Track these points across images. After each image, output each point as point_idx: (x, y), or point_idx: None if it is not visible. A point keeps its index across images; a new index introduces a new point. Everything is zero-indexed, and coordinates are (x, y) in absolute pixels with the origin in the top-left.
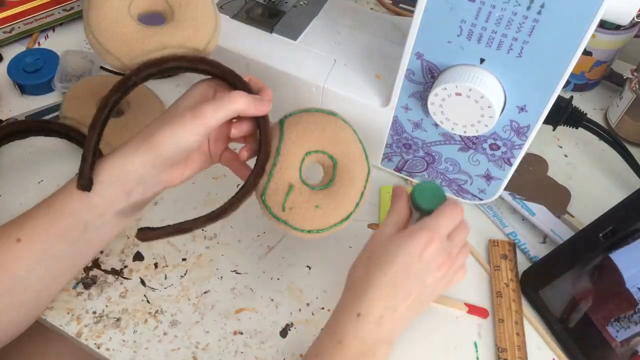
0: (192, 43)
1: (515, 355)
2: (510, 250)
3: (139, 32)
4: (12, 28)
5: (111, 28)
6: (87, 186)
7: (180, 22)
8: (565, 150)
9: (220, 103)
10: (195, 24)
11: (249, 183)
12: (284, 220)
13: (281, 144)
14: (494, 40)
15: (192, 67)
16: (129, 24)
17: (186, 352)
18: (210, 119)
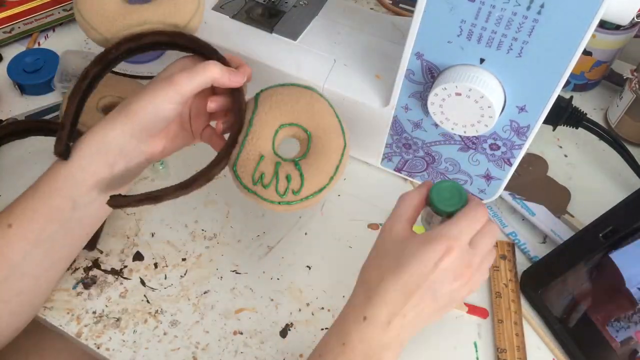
0: (172, 19)
1: (515, 355)
2: (509, 251)
3: (122, 8)
4: (12, 28)
5: (95, 5)
6: (64, 153)
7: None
8: (565, 150)
9: (194, 71)
10: (176, 1)
11: (221, 154)
12: (253, 191)
13: (254, 115)
14: (493, 40)
15: (170, 42)
16: (113, 1)
17: (186, 352)
18: (184, 86)
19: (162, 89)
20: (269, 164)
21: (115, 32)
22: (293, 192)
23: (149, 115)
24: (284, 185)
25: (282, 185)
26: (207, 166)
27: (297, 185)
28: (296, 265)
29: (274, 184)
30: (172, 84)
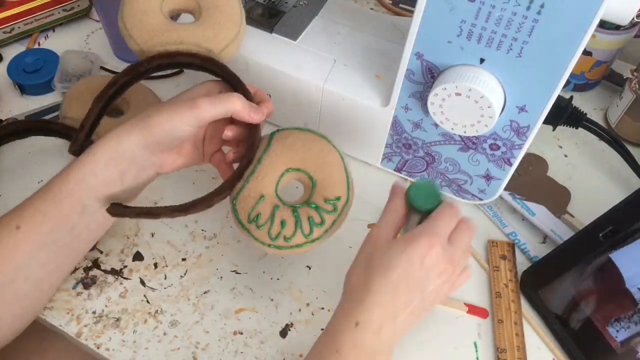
0: (208, 44)
1: (515, 355)
2: (509, 251)
3: (163, 24)
4: (12, 28)
5: (139, 16)
6: (78, 152)
7: (203, 23)
8: (565, 150)
9: (218, 100)
10: (215, 27)
11: (225, 185)
12: (246, 228)
13: (264, 154)
14: (493, 40)
15: (202, 66)
16: (156, 16)
17: (186, 352)
18: (205, 112)
19: (183, 110)
20: (267, 205)
21: (152, 45)
22: (284, 239)
23: (165, 132)
24: (277, 230)
25: (275, 230)
26: (208, 194)
27: (289, 232)
28: (296, 265)
29: (268, 226)
30: (194, 108)
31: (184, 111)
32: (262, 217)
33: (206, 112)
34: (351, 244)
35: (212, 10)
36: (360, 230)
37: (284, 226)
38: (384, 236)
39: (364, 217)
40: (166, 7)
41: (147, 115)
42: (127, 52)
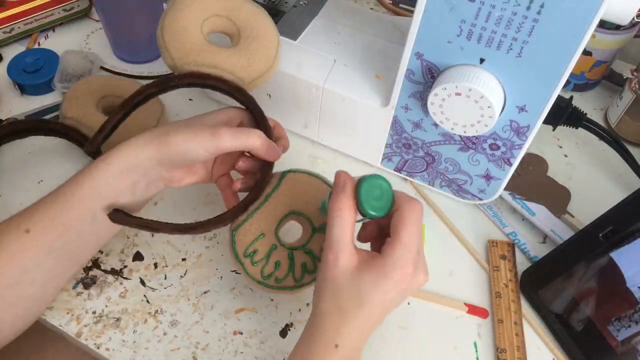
0: (240, 73)
1: (515, 355)
2: (509, 251)
3: (201, 45)
4: (12, 28)
5: (179, 32)
6: (94, 154)
7: (239, 51)
8: (565, 150)
9: (240, 133)
10: (251, 57)
11: (227, 215)
12: (241, 262)
13: (273, 193)
14: (493, 40)
15: (229, 93)
16: (196, 35)
17: (186, 352)
18: (226, 142)
19: (203, 137)
20: (265, 244)
21: (186, 63)
22: (276, 279)
23: (182, 153)
24: (270, 270)
25: (268, 269)
26: (209, 220)
27: (282, 274)
28: None
29: (262, 264)
30: (215, 136)
31: (204, 137)
32: (258, 254)
33: (227, 142)
34: None
35: (251, 39)
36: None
37: (277, 267)
38: (346, 262)
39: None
40: (207, 27)
41: (166, 132)
42: (127, 52)
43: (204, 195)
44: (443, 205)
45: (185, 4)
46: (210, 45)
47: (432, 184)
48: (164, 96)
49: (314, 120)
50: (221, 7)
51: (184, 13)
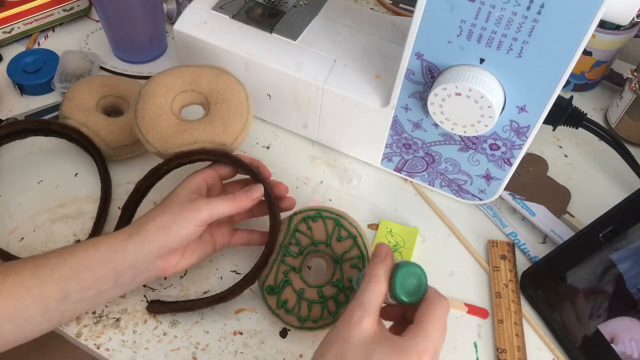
0: (220, 139)
1: (515, 355)
2: (509, 251)
3: (176, 127)
4: (11, 28)
5: (152, 122)
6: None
7: (212, 118)
8: (565, 150)
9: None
10: (225, 121)
11: (250, 274)
12: (277, 314)
13: (285, 239)
14: (493, 40)
15: (217, 160)
16: (168, 118)
17: (186, 352)
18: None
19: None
20: (293, 290)
21: (168, 148)
22: (313, 321)
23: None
24: (305, 313)
25: (303, 313)
26: (237, 284)
27: (316, 314)
28: None
29: (296, 311)
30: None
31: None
32: (289, 303)
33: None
34: None
35: (219, 104)
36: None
37: (310, 309)
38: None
39: (363, 217)
40: (177, 105)
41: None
42: (126, 52)
43: None
44: (443, 205)
45: (150, 92)
46: (185, 124)
47: (432, 184)
48: None
49: (314, 120)
50: (184, 82)
51: (153, 101)
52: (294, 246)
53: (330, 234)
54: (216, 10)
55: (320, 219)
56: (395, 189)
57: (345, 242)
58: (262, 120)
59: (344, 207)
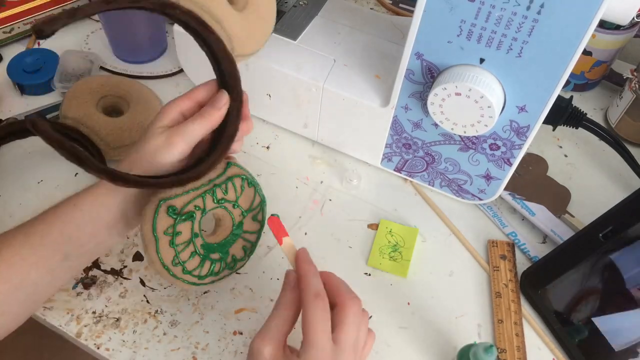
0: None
1: (515, 355)
2: (509, 251)
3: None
4: (12, 28)
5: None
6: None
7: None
8: (565, 150)
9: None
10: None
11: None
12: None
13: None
14: (493, 40)
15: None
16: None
17: (186, 352)
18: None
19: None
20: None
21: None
22: (183, 270)
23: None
24: (185, 258)
25: (183, 257)
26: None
27: (192, 266)
28: None
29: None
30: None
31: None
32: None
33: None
34: (351, 244)
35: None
36: (360, 230)
37: (192, 257)
38: (267, 355)
39: (363, 217)
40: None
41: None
42: (126, 52)
43: None
44: (443, 205)
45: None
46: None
47: (432, 184)
48: (164, 96)
49: (314, 120)
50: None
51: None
52: (220, 191)
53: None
54: None
55: (253, 188)
56: (395, 189)
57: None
58: (262, 120)
59: (344, 207)
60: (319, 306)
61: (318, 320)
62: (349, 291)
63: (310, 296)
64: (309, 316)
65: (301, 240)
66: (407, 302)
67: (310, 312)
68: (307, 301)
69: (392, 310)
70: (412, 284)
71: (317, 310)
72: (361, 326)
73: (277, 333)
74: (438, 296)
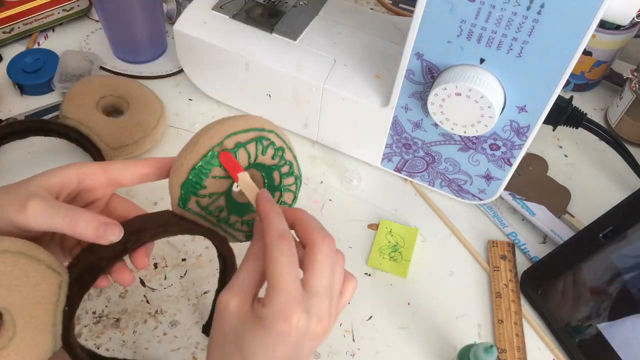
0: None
1: (515, 356)
2: (509, 251)
3: None
4: (11, 28)
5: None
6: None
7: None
8: (565, 150)
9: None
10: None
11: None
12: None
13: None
14: (493, 40)
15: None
16: None
17: (186, 352)
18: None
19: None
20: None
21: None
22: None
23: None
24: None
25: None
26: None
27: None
28: None
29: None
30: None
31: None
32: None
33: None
34: (351, 244)
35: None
36: (360, 230)
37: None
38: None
39: (363, 217)
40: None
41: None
42: (126, 52)
43: None
44: (443, 205)
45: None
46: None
47: (432, 184)
48: (164, 96)
49: (314, 120)
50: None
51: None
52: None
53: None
54: (216, 10)
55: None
56: (395, 189)
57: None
58: None
59: (344, 207)
60: (283, 248)
61: (283, 263)
62: (321, 229)
63: (272, 238)
64: (272, 259)
65: None
66: (407, 302)
67: (273, 254)
68: (269, 244)
69: (392, 310)
70: (412, 284)
71: (281, 253)
72: (336, 268)
73: (245, 286)
74: (438, 296)
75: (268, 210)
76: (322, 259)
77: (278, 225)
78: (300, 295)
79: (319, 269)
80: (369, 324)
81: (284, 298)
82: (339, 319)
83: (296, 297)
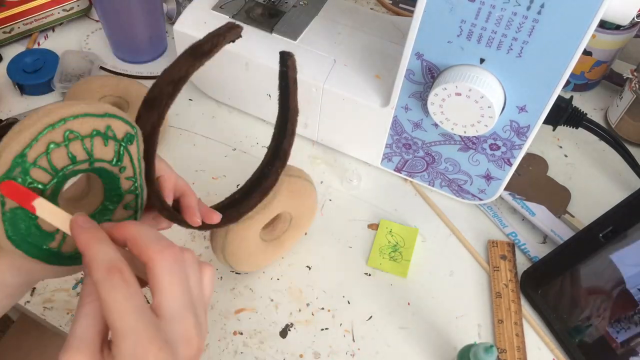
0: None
1: (515, 355)
2: (509, 251)
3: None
4: (11, 28)
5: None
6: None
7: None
8: (565, 150)
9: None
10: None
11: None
12: None
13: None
14: (493, 40)
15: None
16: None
17: None
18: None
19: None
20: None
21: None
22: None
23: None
24: None
25: None
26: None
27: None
28: (296, 265)
29: None
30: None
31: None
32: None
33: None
34: (351, 244)
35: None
36: (360, 230)
37: None
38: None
39: (363, 217)
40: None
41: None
42: (126, 52)
43: (204, 195)
44: (443, 205)
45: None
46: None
47: (432, 184)
48: None
49: (314, 120)
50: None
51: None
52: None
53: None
54: (216, 10)
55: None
56: (395, 189)
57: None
58: (262, 120)
59: (344, 207)
60: (114, 281)
61: (118, 299)
62: (157, 241)
63: (99, 273)
64: (106, 298)
65: (301, 240)
66: (407, 302)
67: (105, 292)
68: (97, 281)
69: (392, 310)
70: (412, 284)
71: (113, 287)
72: (188, 274)
73: (86, 338)
74: (438, 296)
75: (87, 241)
76: (166, 276)
77: (102, 257)
78: (152, 328)
79: (166, 289)
80: (369, 324)
81: (133, 340)
82: (339, 319)
83: (147, 333)
